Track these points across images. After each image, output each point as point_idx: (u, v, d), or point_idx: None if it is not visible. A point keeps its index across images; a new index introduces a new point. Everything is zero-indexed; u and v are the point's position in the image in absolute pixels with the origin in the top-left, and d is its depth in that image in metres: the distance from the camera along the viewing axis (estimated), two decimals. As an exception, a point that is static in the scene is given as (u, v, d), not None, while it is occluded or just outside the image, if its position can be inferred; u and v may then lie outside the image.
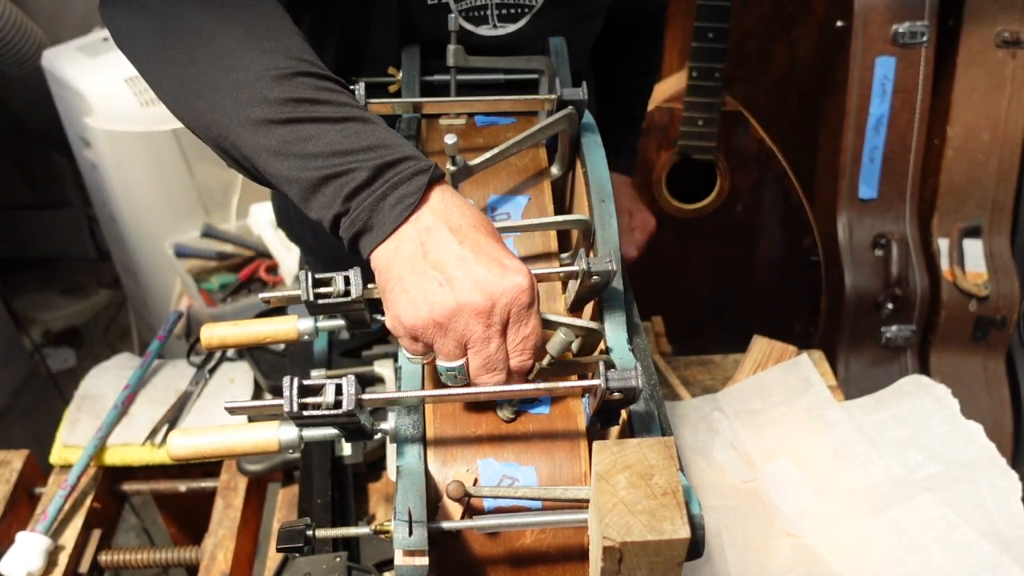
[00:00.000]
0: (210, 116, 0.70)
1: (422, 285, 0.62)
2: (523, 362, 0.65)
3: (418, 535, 0.59)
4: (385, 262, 0.65)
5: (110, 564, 1.15)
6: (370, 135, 0.67)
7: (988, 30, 1.85)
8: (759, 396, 1.27)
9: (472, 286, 0.62)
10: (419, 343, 0.65)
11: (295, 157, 0.67)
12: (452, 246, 0.63)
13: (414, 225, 0.65)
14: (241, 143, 0.69)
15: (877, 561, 1.03)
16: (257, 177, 0.73)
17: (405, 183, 0.65)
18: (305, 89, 0.68)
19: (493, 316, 0.62)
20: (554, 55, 0.95)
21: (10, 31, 2.14)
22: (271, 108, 0.67)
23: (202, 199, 2.14)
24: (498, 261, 0.63)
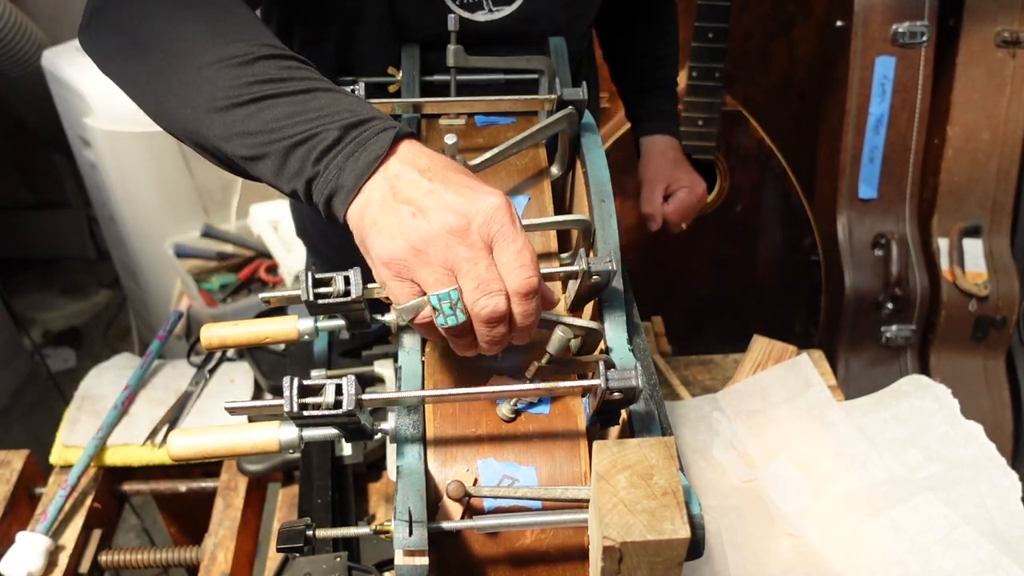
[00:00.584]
0: (183, 115, 0.72)
1: (395, 220, 0.61)
2: (525, 279, 0.61)
3: (418, 535, 0.59)
4: (359, 213, 0.64)
5: (110, 564, 1.15)
6: (335, 102, 0.68)
7: (988, 30, 1.85)
8: (759, 396, 1.27)
9: (444, 209, 0.60)
10: (406, 283, 0.62)
11: (263, 133, 0.67)
12: (422, 183, 0.62)
13: (382, 174, 0.64)
14: (213, 133, 0.70)
15: (877, 561, 1.03)
16: (238, 168, 0.73)
17: (372, 139, 0.65)
18: (268, 70, 0.69)
19: (471, 235, 0.60)
20: (554, 55, 0.95)
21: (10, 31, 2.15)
22: (235, 91, 0.68)
23: (202, 199, 2.14)
24: (469, 187, 0.62)
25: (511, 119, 0.91)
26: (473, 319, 0.61)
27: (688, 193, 1.32)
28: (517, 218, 0.62)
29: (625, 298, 0.76)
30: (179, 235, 2.12)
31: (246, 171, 0.72)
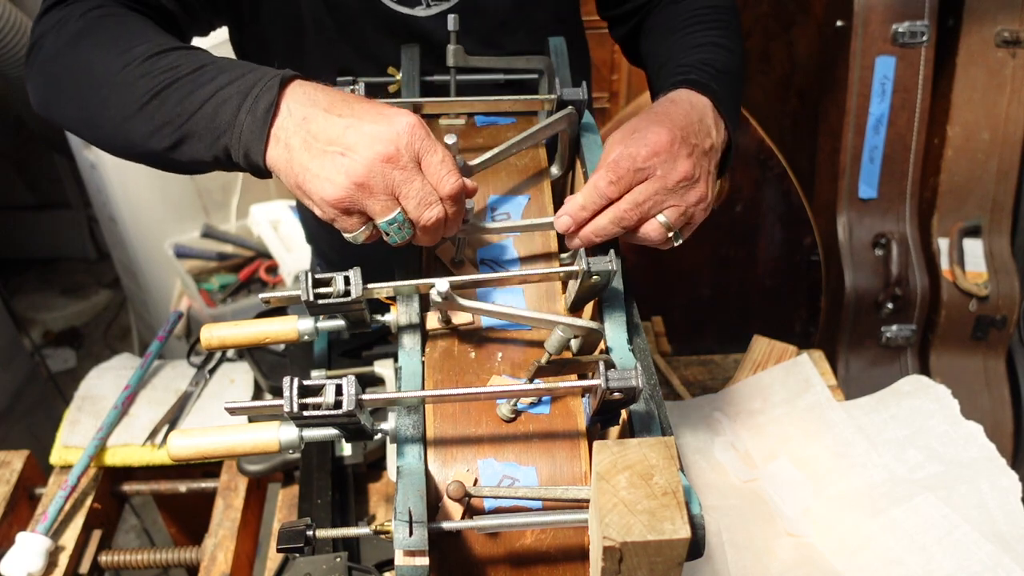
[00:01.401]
0: (112, 130, 0.77)
1: (327, 162, 0.67)
2: (452, 184, 0.68)
3: (418, 535, 0.59)
4: (284, 161, 0.69)
5: (110, 565, 1.15)
6: (222, 71, 0.73)
7: (988, 30, 1.85)
8: (759, 396, 1.27)
9: (370, 141, 0.66)
10: (353, 215, 0.68)
11: (173, 120, 0.73)
12: (334, 120, 0.68)
13: (288, 119, 0.69)
14: (136, 136, 0.75)
15: (877, 561, 1.03)
16: (176, 163, 0.77)
17: (262, 90, 0.70)
18: (161, 63, 0.74)
19: (402, 157, 0.66)
20: (554, 55, 0.95)
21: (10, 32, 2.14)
22: (139, 93, 0.74)
23: (202, 199, 2.14)
24: (381, 114, 0.67)
25: (511, 119, 0.91)
26: (417, 229, 0.69)
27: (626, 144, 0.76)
28: (428, 129, 0.68)
29: (625, 298, 0.76)
30: (179, 235, 2.12)
31: (177, 161, 0.76)
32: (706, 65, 0.88)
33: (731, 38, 0.95)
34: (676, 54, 0.93)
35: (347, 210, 0.68)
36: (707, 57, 0.90)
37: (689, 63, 0.89)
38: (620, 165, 0.74)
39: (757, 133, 1.91)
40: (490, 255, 0.81)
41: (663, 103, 0.82)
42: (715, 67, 0.88)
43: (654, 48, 1.00)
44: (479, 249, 0.81)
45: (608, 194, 0.74)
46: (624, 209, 0.74)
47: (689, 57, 0.90)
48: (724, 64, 0.90)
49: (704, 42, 0.93)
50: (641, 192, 0.74)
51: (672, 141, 0.75)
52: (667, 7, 1.03)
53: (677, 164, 0.75)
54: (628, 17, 1.08)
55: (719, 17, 0.98)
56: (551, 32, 0.98)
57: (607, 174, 0.74)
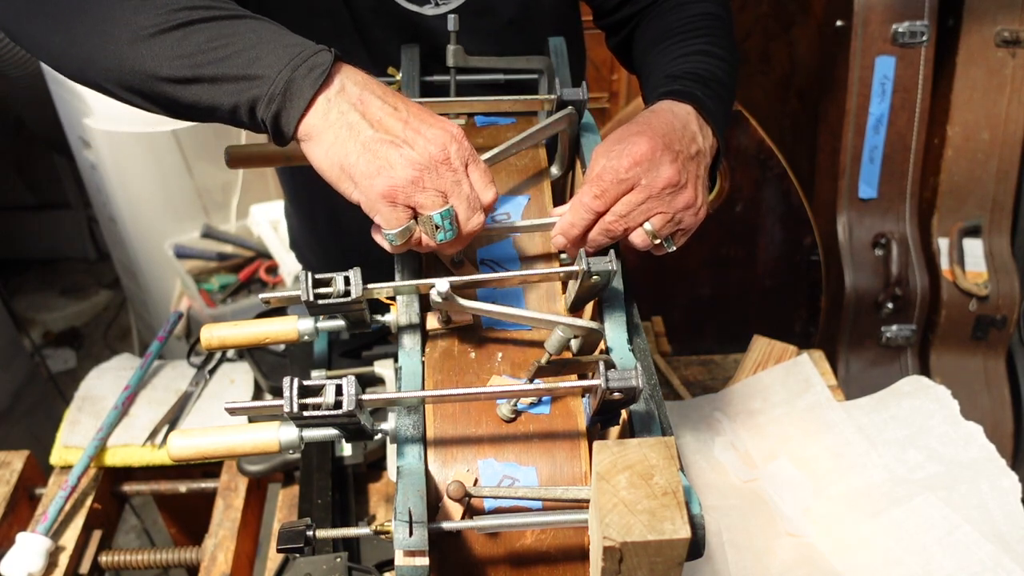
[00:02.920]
0: (104, 52, 0.70)
1: (383, 151, 0.66)
2: (492, 196, 0.71)
3: (418, 535, 0.59)
4: (332, 136, 0.67)
5: (110, 565, 1.15)
6: (263, 26, 0.70)
7: (988, 29, 1.85)
8: (759, 396, 1.27)
9: (427, 142, 0.67)
10: (399, 207, 0.67)
11: (198, 54, 0.68)
12: (391, 111, 0.68)
13: (343, 96, 0.68)
14: (140, 63, 0.69)
15: (877, 561, 1.03)
16: (167, 99, 0.71)
17: (312, 56, 0.68)
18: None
19: (454, 161, 0.68)
20: (554, 55, 0.95)
21: (10, 32, 2.14)
22: (161, 18, 0.68)
23: (202, 200, 2.14)
24: (432, 116, 0.70)
25: (511, 119, 0.91)
26: (462, 232, 0.70)
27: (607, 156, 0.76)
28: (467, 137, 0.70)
29: (625, 298, 0.76)
30: (179, 236, 2.12)
31: (179, 99, 0.70)
32: (691, 74, 0.88)
33: (720, 44, 0.94)
34: (663, 64, 0.93)
35: (395, 201, 0.67)
36: (693, 66, 0.89)
37: (675, 73, 0.89)
38: (603, 178, 0.75)
39: (757, 133, 1.91)
40: (490, 255, 0.81)
41: (644, 114, 0.82)
42: (701, 75, 0.88)
43: (644, 57, 1.00)
44: (479, 249, 0.81)
45: (595, 208, 0.75)
46: (609, 221, 0.76)
47: (675, 67, 0.90)
48: (710, 71, 0.89)
49: (691, 51, 0.92)
50: (625, 203, 0.75)
51: (653, 149, 0.75)
52: (660, 16, 1.02)
53: (660, 171, 0.75)
54: (621, 26, 1.07)
55: (709, 24, 0.97)
56: (555, 32, 0.98)
57: (591, 188, 0.75)
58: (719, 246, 2.02)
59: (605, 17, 1.08)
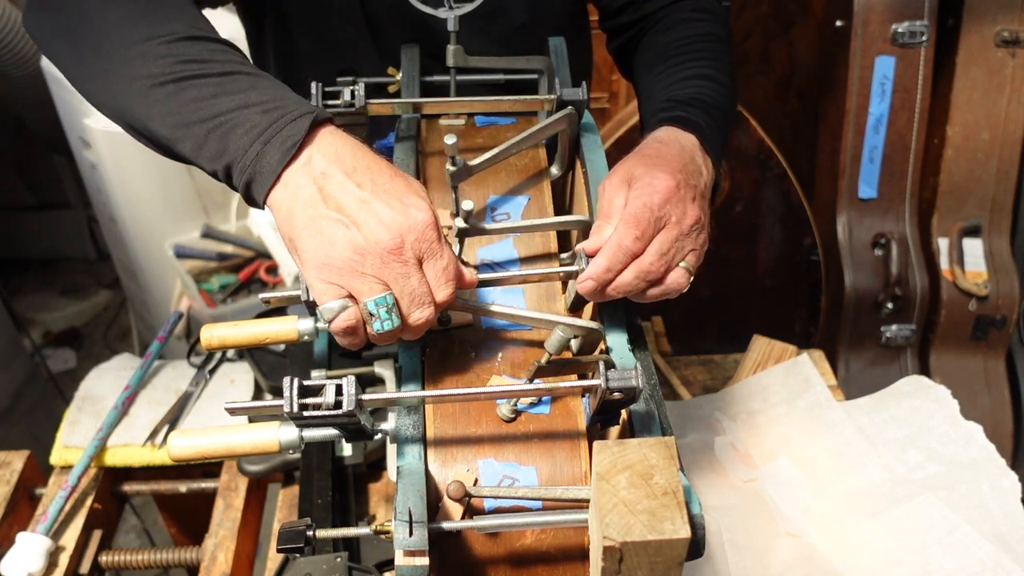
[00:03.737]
0: (112, 93, 0.73)
1: (329, 229, 0.63)
2: (448, 294, 0.66)
3: (418, 535, 0.59)
4: (286, 209, 0.66)
5: (111, 565, 1.15)
6: (256, 87, 0.69)
7: (988, 29, 1.85)
8: (759, 396, 1.27)
9: (378, 225, 0.63)
10: (332, 287, 0.64)
11: (183, 113, 0.69)
12: (351, 189, 0.64)
13: (306, 169, 0.66)
14: (136, 110, 0.71)
15: (877, 561, 1.03)
16: (163, 148, 0.74)
17: (288, 125, 0.66)
18: (191, 51, 0.70)
19: (405, 252, 0.63)
20: (554, 55, 0.95)
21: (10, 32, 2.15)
22: (159, 71, 0.69)
23: (202, 200, 2.14)
24: (400, 200, 0.64)
25: (511, 119, 0.91)
26: (405, 326, 0.65)
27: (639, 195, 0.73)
28: (441, 230, 0.65)
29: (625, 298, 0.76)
30: (179, 236, 2.12)
31: (170, 150, 0.73)
32: (694, 100, 0.87)
33: (721, 69, 0.93)
34: (665, 86, 0.92)
35: (329, 280, 0.64)
36: (696, 91, 0.88)
37: (677, 97, 0.88)
38: (640, 218, 0.71)
39: (757, 133, 1.91)
40: (490, 255, 0.81)
41: (652, 144, 0.80)
42: (703, 102, 0.87)
43: (644, 74, 0.99)
44: (479, 249, 0.81)
45: (635, 251, 0.71)
46: (650, 263, 0.71)
47: (678, 90, 0.89)
48: (713, 98, 0.88)
49: (692, 75, 0.91)
50: (663, 242, 0.72)
51: (678, 186, 0.73)
52: (660, 32, 1.01)
53: (687, 209, 0.74)
54: (619, 32, 1.07)
55: (710, 47, 0.96)
56: (563, 34, 0.98)
57: (631, 230, 0.70)
58: (719, 246, 2.02)
59: (609, 19, 1.08)
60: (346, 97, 0.81)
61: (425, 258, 0.65)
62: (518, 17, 1.00)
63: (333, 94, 0.82)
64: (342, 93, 0.82)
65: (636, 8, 1.03)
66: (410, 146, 0.85)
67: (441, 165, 0.79)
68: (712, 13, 1.01)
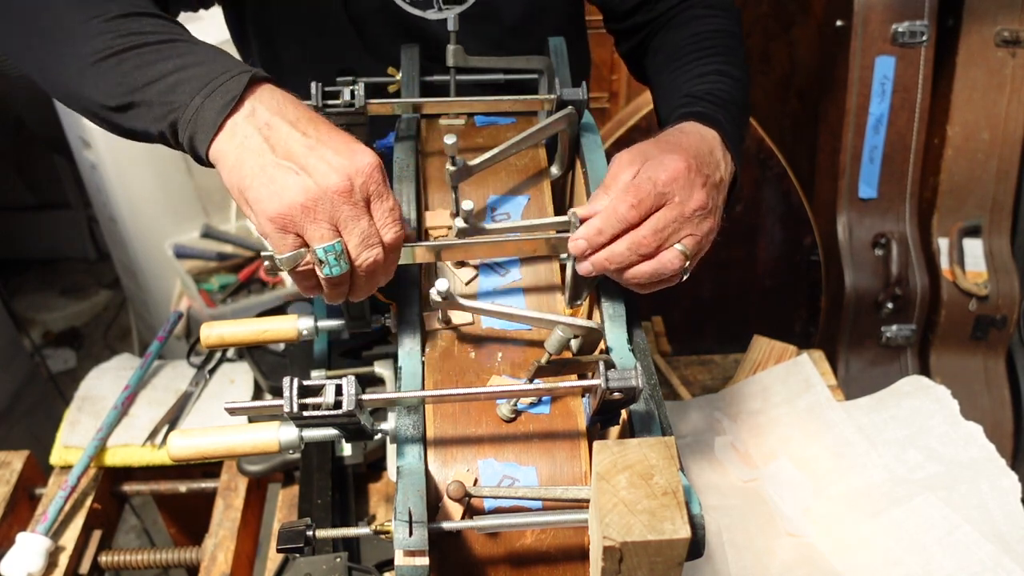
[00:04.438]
0: (60, 76, 0.75)
1: (279, 176, 0.64)
2: (396, 234, 0.67)
3: (418, 535, 0.59)
4: (233, 159, 0.67)
5: (110, 565, 1.15)
6: (192, 50, 0.71)
7: (988, 29, 1.85)
8: (759, 396, 1.27)
9: (328, 169, 0.64)
10: (289, 235, 0.65)
11: (127, 83, 0.70)
12: (297, 137, 0.66)
13: (250, 120, 0.67)
14: (85, 89, 0.73)
15: (878, 561, 1.03)
16: (117, 125, 0.75)
17: (228, 81, 0.68)
18: (130, 25, 0.72)
19: (355, 194, 0.65)
20: (554, 55, 0.95)
21: (10, 32, 2.14)
22: (101, 46, 0.71)
23: (202, 200, 2.14)
24: (346, 144, 0.66)
25: (511, 119, 0.91)
26: (355, 269, 0.67)
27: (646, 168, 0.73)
28: (384, 172, 0.67)
29: (625, 298, 0.76)
30: (179, 236, 2.12)
31: (121, 125, 0.74)
32: (712, 95, 0.86)
33: (736, 65, 0.93)
34: (682, 83, 0.91)
35: (284, 228, 0.65)
36: (713, 87, 0.88)
37: (696, 93, 0.87)
38: (641, 188, 0.70)
39: (757, 133, 1.91)
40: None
41: (673, 133, 0.79)
42: (721, 97, 0.87)
43: (659, 73, 0.98)
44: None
45: (629, 219, 0.70)
46: (644, 236, 0.71)
47: (695, 87, 0.89)
48: (730, 94, 0.88)
49: (710, 70, 0.91)
50: (661, 218, 0.71)
51: (688, 168, 0.73)
52: (672, 29, 1.00)
53: (694, 192, 0.73)
54: (631, 34, 1.06)
55: (724, 43, 0.96)
56: (560, 35, 0.98)
57: (627, 197, 0.70)
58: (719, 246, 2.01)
59: (616, 23, 1.07)
60: (346, 97, 0.81)
61: (372, 199, 0.66)
62: (510, 18, 1.00)
63: (333, 94, 0.82)
64: (342, 93, 0.82)
65: (649, 8, 1.02)
66: (410, 146, 0.85)
67: (441, 165, 0.79)
68: (724, 9, 1.01)
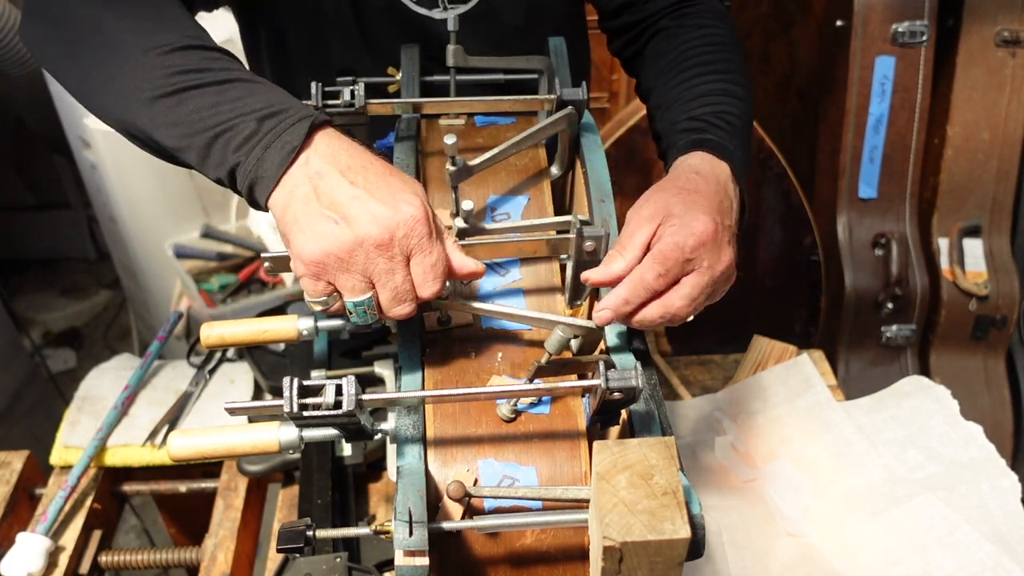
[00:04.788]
0: (111, 103, 0.74)
1: (318, 224, 0.65)
2: (434, 292, 0.67)
3: (418, 535, 0.59)
4: (282, 208, 0.67)
5: (110, 565, 1.15)
6: (251, 92, 0.70)
7: (988, 29, 1.85)
8: (759, 396, 1.27)
9: (369, 221, 0.64)
10: (321, 282, 0.66)
11: (185, 124, 0.70)
12: (344, 187, 0.66)
13: (303, 170, 0.67)
14: (140, 122, 0.73)
15: (878, 561, 1.03)
16: (168, 156, 0.75)
17: (287, 131, 0.68)
18: (189, 60, 0.71)
19: (393, 248, 0.64)
20: (554, 55, 0.95)
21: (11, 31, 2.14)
22: (158, 83, 0.71)
23: (202, 200, 2.14)
24: (392, 195, 0.65)
25: (511, 119, 0.91)
26: (383, 315, 0.67)
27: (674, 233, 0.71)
28: (433, 225, 0.66)
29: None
30: (179, 236, 2.12)
31: (175, 159, 0.74)
32: (720, 119, 0.85)
33: (740, 83, 0.91)
34: (686, 100, 0.89)
35: (317, 275, 0.66)
36: (719, 108, 0.86)
37: (702, 116, 0.85)
38: (668, 257, 0.70)
39: (757, 133, 1.91)
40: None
41: (689, 175, 0.77)
42: (730, 121, 0.85)
43: (657, 84, 0.96)
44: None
45: (656, 288, 0.70)
46: (679, 306, 0.71)
47: (701, 108, 0.86)
48: (738, 117, 0.86)
49: (714, 90, 0.88)
50: (695, 286, 0.71)
51: (716, 230, 0.72)
52: (670, 38, 0.98)
53: (722, 255, 0.73)
54: (621, 33, 1.06)
55: (726, 56, 0.94)
56: (561, 35, 0.98)
57: (655, 266, 0.69)
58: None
59: (608, 20, 1.07)
60: (346, 97, 0.82)
61: (413, 254, 0.66)
62: (512, 19, 1.00)
63: (333, 94, 0.82)
64: (342, 93, 0.82)
65: (637, 9, 1.01)
66: (410, 146, 0.85)
67: (441, 165, 0.79)
68: (720, 17, 0.99)
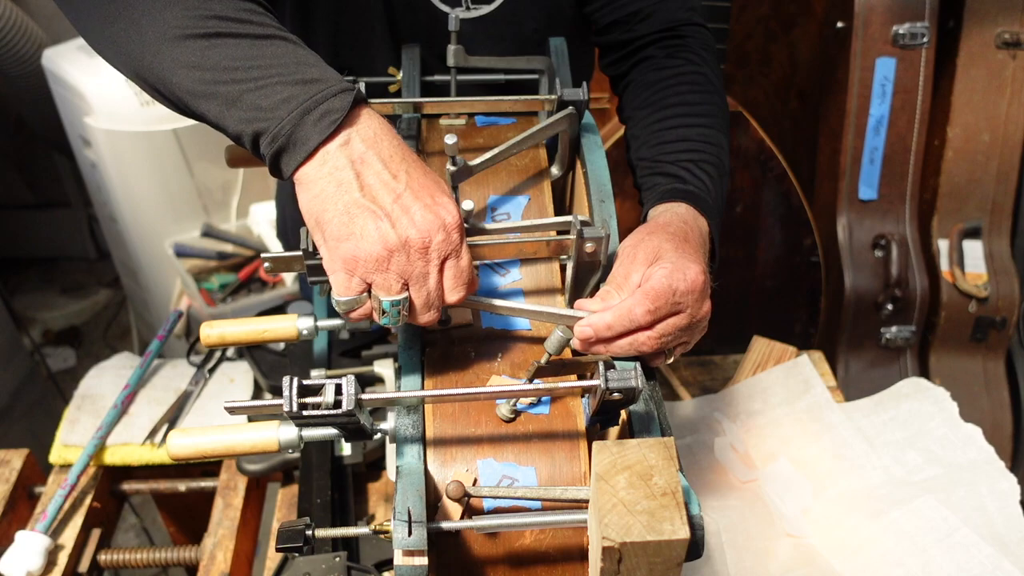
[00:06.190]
0: (132, 44, 0.69)
1: (361, 219, 0.63)
2: (461, 296, 0.67)
3: (417, 535, 0.59)
4: (318, 188, 0.65)
5: (110, 563, 1.15)
6: (292, 52, 0.67)
7: (988, 31, 1.85)
8: (759, 397, 1.27)
9: (411, 224, 0.64)
10: (355, 278, 0.65)
11: (215, 71, 0.66)
12: (388, 181, 0.65)
13: (344, 150, 0.65)
14: (161, 64, 0.67)
15: (877, 562, 1.03)
16: (181, 105, 0.70)
17: (330, 99, 0.65)
18: (227, 8, 0.67)
19: (431, 253, 0.64)
20: (554, 55, 0.95)
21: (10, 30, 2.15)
22: (191, 23, 0.66)
23: (202, 199, 2.14)
24: (432, 198, 0.65)
25: (511, 119, 0.91)
26: (412, 318, 0.67)
27: (668, 275, 0.72)
28: (463, 231, 0.66)
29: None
30: (179, 235, 2.12)
31: (189, 107, 0.69)
32: (702, 171, 0.88)
33: (721, 128, 0.94)
34: (666, 141, 0.91)
35: (353, 271, 0.64)
36: (702, 158, 0.89)
37: (685, 164, 0.88)
38: (660, 295, 0.71)
39: (757, 134, 1.91)
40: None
41: (678, 224, 0.80)
42: (710, 174, 0.88)
43: (636, 115, 0.97)
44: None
45: (641, 323, 0.71)
46: (648, 338, 0.72)
47: (684, 155, 0.89)
48: (716, 168, 0.89)
49: (698, 135, 0.91)
50: (670, 325, 0.72)
51: (705, 281, 0.74)
52: (655, 67, 0.99)
53: (703, 304, 0.75)
54: (610, 50, 1.05)
55: (708, 99, 0.95)
56: (572, 40, 0.98)
57: (646, 302, 0.70)
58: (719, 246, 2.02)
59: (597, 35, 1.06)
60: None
61: (448, 258, 0.66)
62: (531, 23, 1.00)
63: None
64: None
65: (627, 28, 1.01)
66: (410, 146, 0.85)
67: (441, 165, 0.79)
68: (708, 51, 1.00)
